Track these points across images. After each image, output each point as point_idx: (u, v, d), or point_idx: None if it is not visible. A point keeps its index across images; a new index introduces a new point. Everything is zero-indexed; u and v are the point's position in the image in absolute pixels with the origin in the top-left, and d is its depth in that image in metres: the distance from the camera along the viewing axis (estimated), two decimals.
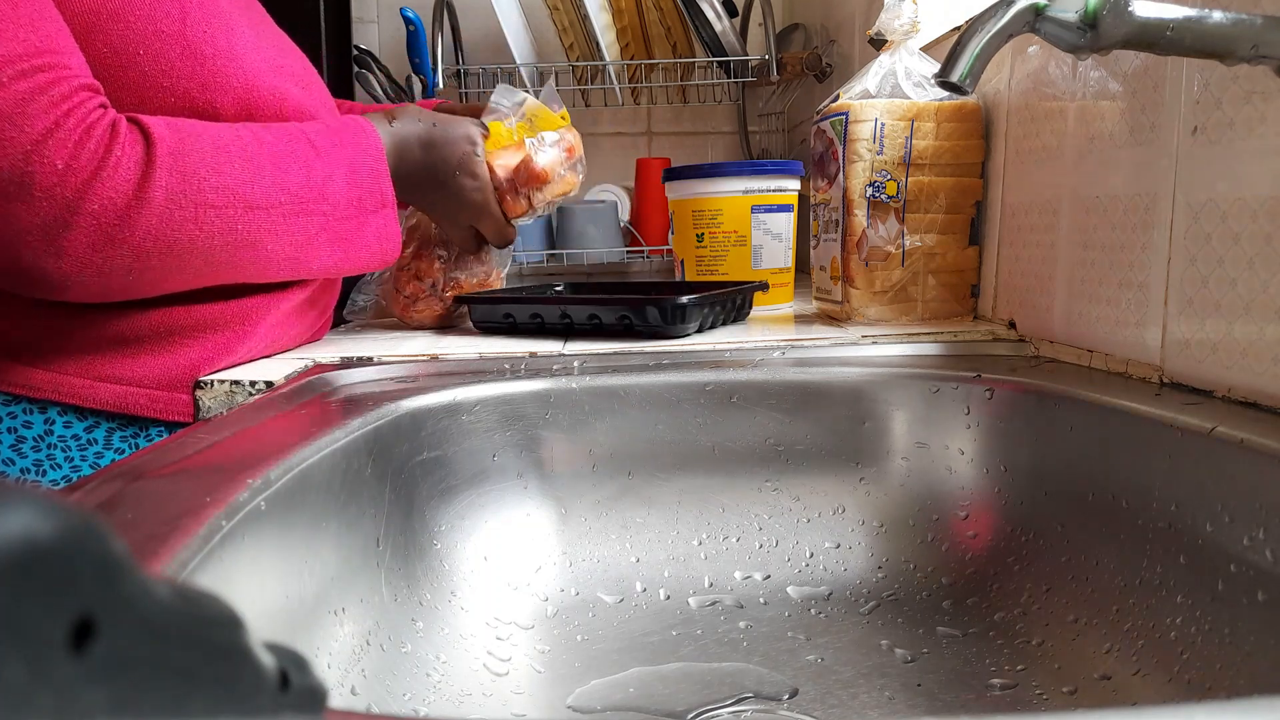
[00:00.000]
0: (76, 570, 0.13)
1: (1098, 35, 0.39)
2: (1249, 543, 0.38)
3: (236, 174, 0.56)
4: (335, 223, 0.62)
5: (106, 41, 0.56)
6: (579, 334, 0.73)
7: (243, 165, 0.56)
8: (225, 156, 0.56)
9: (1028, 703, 0.44)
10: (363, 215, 0.64)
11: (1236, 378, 0.46)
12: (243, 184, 0.56)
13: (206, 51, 0.59)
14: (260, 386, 0.59)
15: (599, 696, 0.47)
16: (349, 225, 0.63)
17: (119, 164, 0.52)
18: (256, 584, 0.36)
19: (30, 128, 0.49)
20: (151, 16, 0.57)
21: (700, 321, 0.72)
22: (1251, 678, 0.37)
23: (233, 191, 0.56)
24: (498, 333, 0.76)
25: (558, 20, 1.32)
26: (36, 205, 0.50)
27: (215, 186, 0.55)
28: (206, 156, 0.55)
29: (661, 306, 0.68)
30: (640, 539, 0.59)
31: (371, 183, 0.64)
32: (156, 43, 0.57)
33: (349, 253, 0.64)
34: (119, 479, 0.37)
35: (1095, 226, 0.58)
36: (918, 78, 0.74)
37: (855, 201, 0.73)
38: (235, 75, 0.60)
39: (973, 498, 0.57)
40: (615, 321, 0.71)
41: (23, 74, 0.49)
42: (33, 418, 0.59)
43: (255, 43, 0.64)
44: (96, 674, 0.13)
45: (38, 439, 0.60)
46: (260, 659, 0.17)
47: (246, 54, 0.62)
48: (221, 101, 0.60)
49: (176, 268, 0.56)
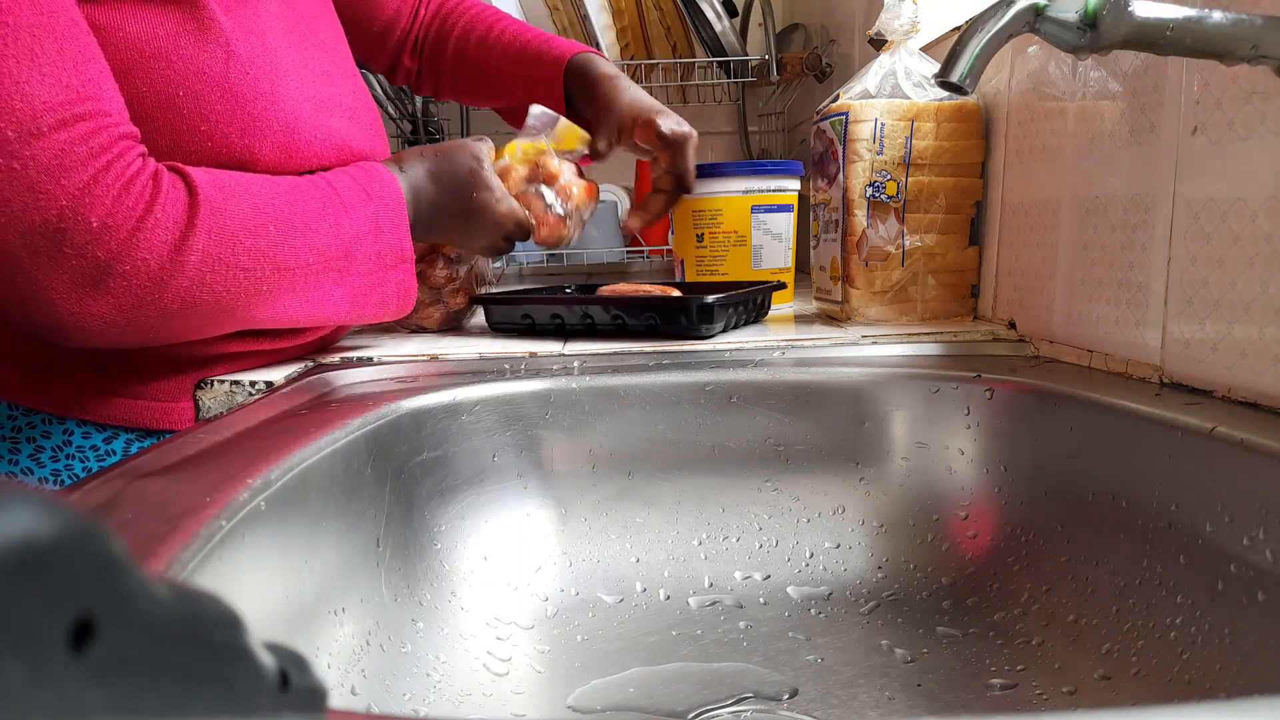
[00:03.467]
0: (76, 570, 0.12)
1: (1098, 35, 0.39)
2: (1249, 543, 0.38)
3: (271, 235, 0.54)
4: (357, 279, 0.61)
5: (146, 80, 0.53)
6: (601, 335, 0.72)
7: (278, 227, 0.55)
8: (263, 217, 0.54)
9: (1028, 703, 0.44)
10: (383, 271, 0.62)
11: (1236, 378, 0.46)
12: (275, 246, 0.55)
13: (248, 94, 0.57)
14: (260, 386, 0.59)
15: (599, 696, 0.47)
16: (370, 281, 0.62)
17: (157, 225, 0.49)
18: (256, 584, 0.36)
19: (68, 182, 0.46)
20: (195, 57, 0.55)
21: (725, 322, 0.72)
22: (1251, 678, 0.37)
23: (265, 254, 0.54)
24: (514, 334, 0.76)
25: (558, 20, 1.32)
26: (66, 263, 0.47)
27: (250, 249, 0.53)
28: (247, 218, 0.53)
29: (690, 308, 0.68)
30: (640, 539, 0.59)
31: (393, 237, 0.62)
32: (197, 84, 0.55)
33: (365, 307, 0.63)
34: (119, 479, 0.37)
35: (1095, 226, 0.58)
36: (918, 78, 0.74)
37: (855, 201, 0.73)
38: (276, 119, 0.58)
39: (973, 498, 0.57)
40: (640, 323, 0.70)
41: (63, 123, 0.46)
42: (51, 428, 0.59)
43: (301, 78, 0.62)
44: (96, 674, 0.13)
45: (56, 449, 0.59)
46: (260, 659, 0.17)
47: (289, 95, 0.60)
48: (260, 146, 0.58)
49: (198, 326, 0.54)
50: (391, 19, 0.88)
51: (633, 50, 1.34)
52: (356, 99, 0.70)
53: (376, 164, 0.65)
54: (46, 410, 0.59)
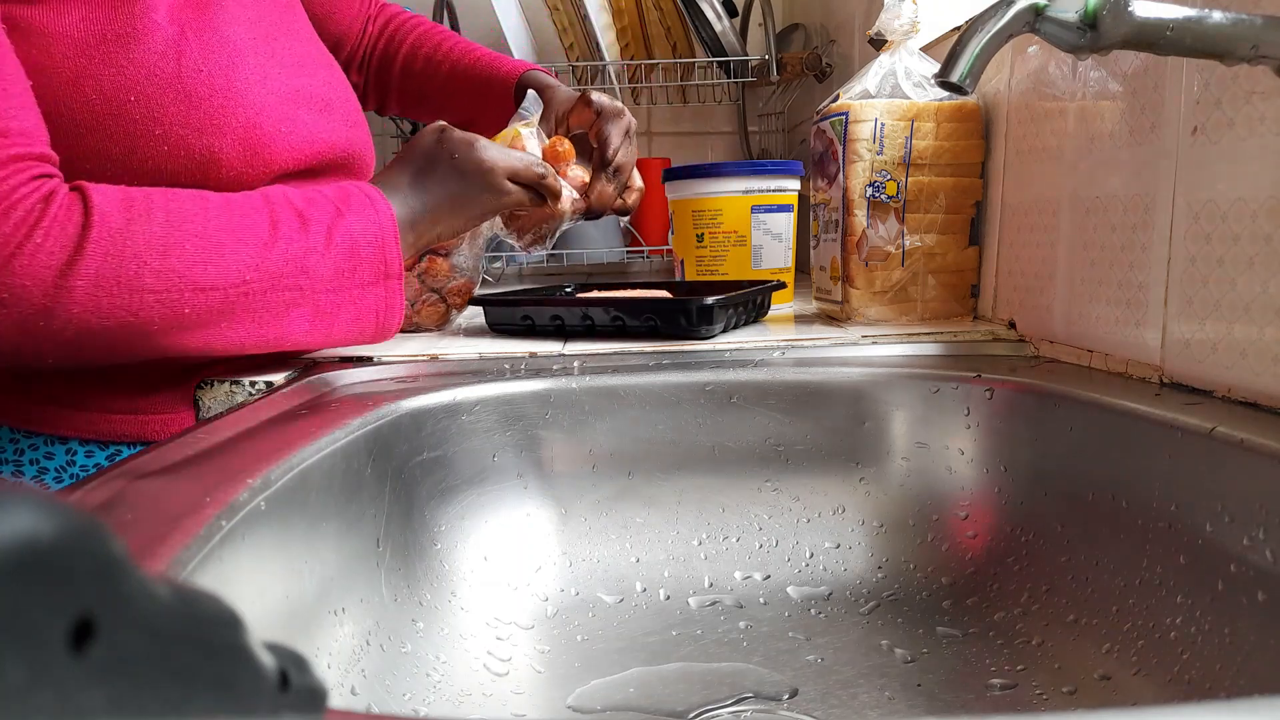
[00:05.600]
0: (76, 570, 0.12)
1: (1098, 35, 0.39)
2: (1249, 543, 0.38)
3: (187, 255, 0.51)
4: (317, 298, 0.57)
5: (96, 87, 0.52)
6: (601, 336, 0.71)
7: (197, 244, 0.52)
8: (180, 234, 0.51)
9: (1028, 703, 0.44)
10: (357, 289, 0.59)
11: (1236, 378, 0.46)
12: (192, 266, 0.51)
13: (202, 93, 0.55)
14: (260, 386, 0.59)
15: (599, 696, 0.47)
16: (338, 299, 0.58)
17: (38, 250, 0.47)
18: (256, 584, 0.36)
19: None
20: (144, 60, 0.54)
21: (725, 322, 0.72)
22: (1251, 678, 0.37)
23: (178, 275, 0.51)
24: (513, 334, 0.75)
25: (558, 20, 1.32)
26: None
27: (157, 270, 0.50)
28: (155, 237, 0.50)
29: (690, 308, 0.68)
30: (640, 539, 0.59)
31: (372, 252, 0.59)
32: (149, 88, 0.54)
33: (333, 329, 0.60)
34: (119, 479, 0.37)
35: (1095, 226, 0.58)
36: (918, 78, 0.74)
37: (855, 201, 0.73)
38: (236, 115, 0.57)
39: (973, 498, 0.57)
40: (640, 323, 0.70)
41: None
42: (54, 449, 0.59)
43: (266, 71, 0.61)
44: (96, 674, 0.13)
45: (60, 470, 0.59)
46: (260, 659, 0.17)
47: (250, 90, 0.58)
48: (221, 145, 0.56)
49: (117, 348, 0.52)
50: (341, 34, 0.88)
51: (633, 50, 1.34)
52: (331, 90, 0.69)
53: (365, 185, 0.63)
54: (47, 431, 0.59)
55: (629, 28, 1.32)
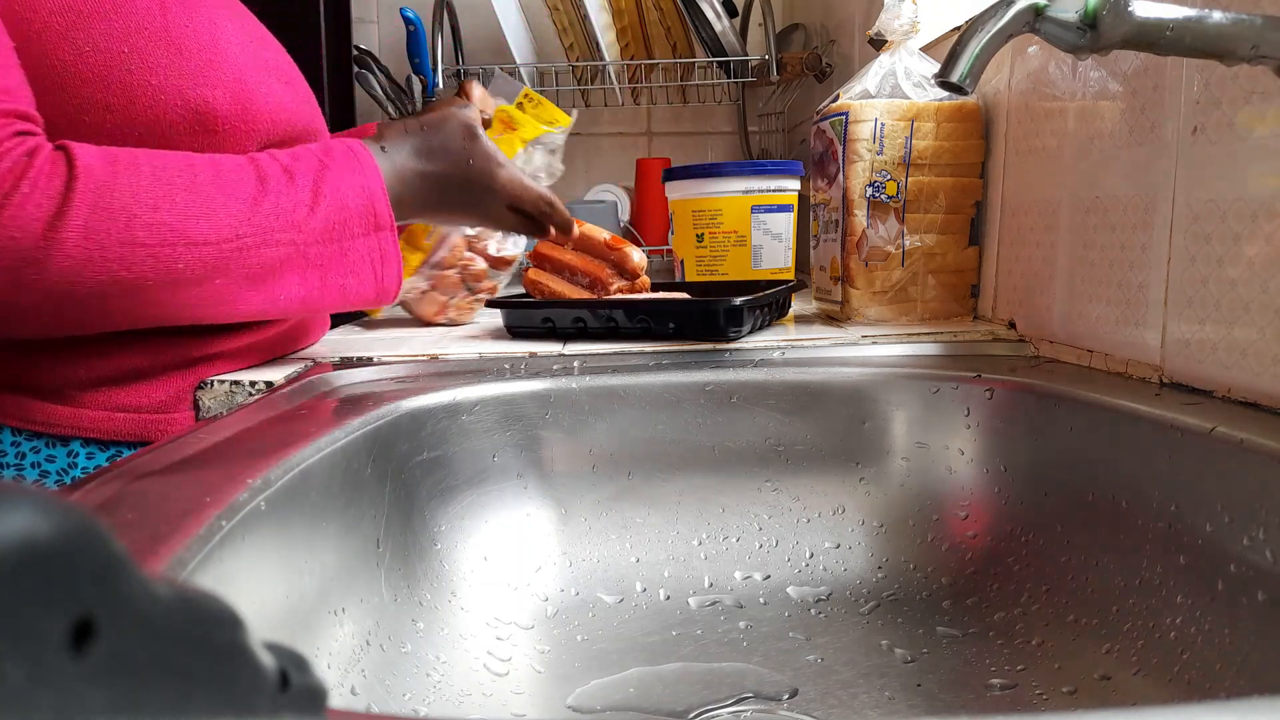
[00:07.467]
0: (76, 570, 0.12)
1: (1098, 35, 0.39)
2: (1249, 543, 0.38)
3: (177, 209, 0.51)
4: (308, 250, 0.57)
5: (89, 38, 0.53)
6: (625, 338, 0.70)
7: (187, 198, 0.52)
8: (166, 189, 0.51)
9: (1028, 703, 0.44)
10: (347, 240, 0.59)
11: (1236, 378, 0.46)
12: (184, 219, 0.51)
13: (190, 46, 0.56)
14: (260, 387, 0.59)
15: (599, 696, 0.47)
16: (328, 252, 0.58)
17: (26, 201, 0.47)
18: (256, 584, 0.36)
19: None
20: (133, 14, 0.54)
21: (752, 324, 0.71)
22: (1252, 678, 0.37)
23: (169, 228, 0.51)
24: (534, 338, 0.74)
25: (558, 20, 1.32)
26: None
27: (148, 223, 0.50)
28: (143, 191, 0.50)
29: (719, 310, 0.67)
30: (640, 539, 0.59)
31: (361, 204, 0.59)
32: (139, 39, 0.54)
33: (329, 284, 0.59)
34: (119, 479, 0.37)
35: (1095, 226, 0.58)
36: (918, 78, 0.74)
37: (855, 201, 0.73)
38: (223, 68, 0.58)
39: (973, 498, 0.57)
40: (664, 326, 0.69)
41: None
42: (55, 451, 0.59)
43: (240, 36, 0.62)
44: (96, 674, 0.13)
45: (61, 472, 0.59)
46: (260, 659, 0.17)
47: (231, 47, 0.59)
48: (214, 97, 0.57)
49: (112, 309, 0.52)
50: None
51: (633, 50, 1.34)
52: (289, 66, 0.70)
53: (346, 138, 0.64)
54: (47, 431, 0.59)
55: (629, 28, 1.32)
